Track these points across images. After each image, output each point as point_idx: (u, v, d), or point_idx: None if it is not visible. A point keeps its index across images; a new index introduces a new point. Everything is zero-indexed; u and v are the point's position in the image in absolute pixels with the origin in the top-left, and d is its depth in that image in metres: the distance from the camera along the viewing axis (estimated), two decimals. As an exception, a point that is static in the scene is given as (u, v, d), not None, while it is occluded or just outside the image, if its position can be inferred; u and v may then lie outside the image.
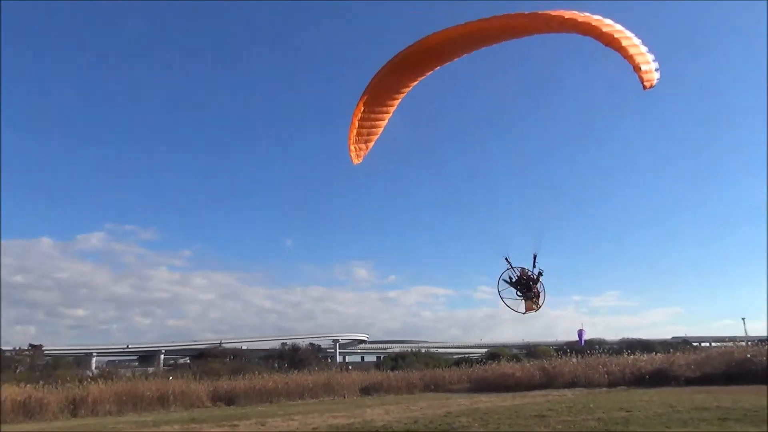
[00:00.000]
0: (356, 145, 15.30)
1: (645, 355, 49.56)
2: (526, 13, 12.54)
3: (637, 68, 11.87)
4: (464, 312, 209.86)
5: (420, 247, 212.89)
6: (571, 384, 42.16)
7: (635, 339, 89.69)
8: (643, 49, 12.16)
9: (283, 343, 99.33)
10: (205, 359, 71.11)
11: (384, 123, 15.59)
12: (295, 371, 51.16)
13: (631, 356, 48.70)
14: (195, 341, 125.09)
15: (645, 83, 11.90)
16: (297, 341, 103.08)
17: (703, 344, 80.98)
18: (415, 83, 15.22)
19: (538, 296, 14.15)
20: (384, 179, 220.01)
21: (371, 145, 15.60)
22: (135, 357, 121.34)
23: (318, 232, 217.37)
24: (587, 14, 12.14)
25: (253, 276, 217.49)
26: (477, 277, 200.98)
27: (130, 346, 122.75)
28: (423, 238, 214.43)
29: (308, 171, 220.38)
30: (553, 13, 12.33)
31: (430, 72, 14.90)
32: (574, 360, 47.81)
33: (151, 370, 64.21)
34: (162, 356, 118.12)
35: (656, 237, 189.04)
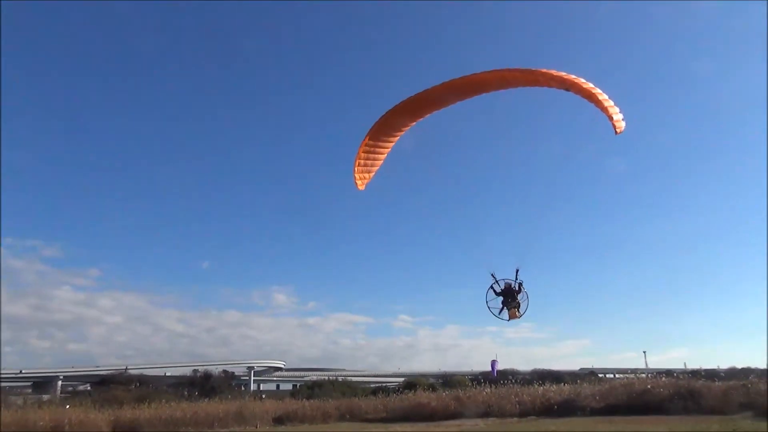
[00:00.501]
0: (360, 174, 17.98)
1: (554, 386, 50.94)
2: (521, 68, 14.78)
3: (611, 117, 14.30)
4: (383, 341, 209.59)
5: (342, 275, 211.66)
6: (485, 414, 42.86)
7: (546, 370, 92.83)
8: (613, 102, 14.51)
9: (194, 370, 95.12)
10: (108, 386, 66.73)
11: (384, 156, 18.28)
12: (206, 400, 48.99)
13: (542, 387, 49.90)
14: (97, 367, 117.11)
15: (617, 129, 14.36)
16: (209, 368, 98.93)
17: (608, 375, 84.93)
18: (412, 125, 17.84)
19: (519, 306, 15.74)
20: (307, 205, 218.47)
21: (372, 174, 18.32)
22: (29, 383, 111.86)
23: (237, 256, 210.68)
24: (570, 74, 14.38)
25: (165, 298, 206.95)
26: (397, 305, 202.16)
27: (23, 371, 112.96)
28: (345, 266, 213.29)
29: (229, 192, 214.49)
30: (544, 70, 14.59)
31: (427, 116, 17.52)
32: (488, 390, 48.66)
33: (46, 397, 59.44)
34: (59, 382, 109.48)
35: (566, 272, 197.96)
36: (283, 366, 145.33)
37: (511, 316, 15.77)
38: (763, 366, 67.00)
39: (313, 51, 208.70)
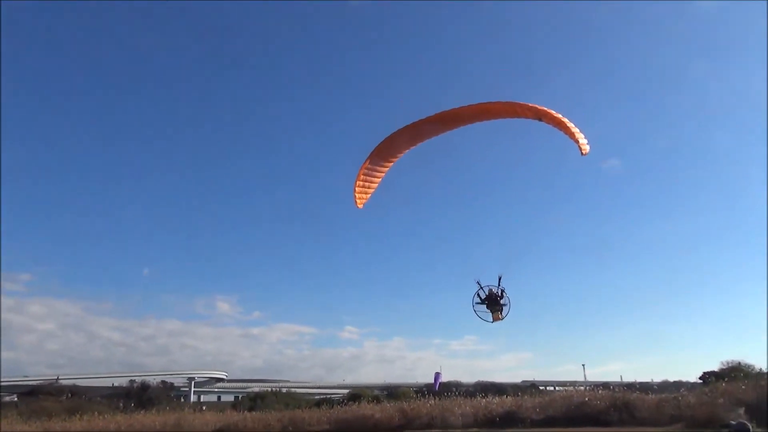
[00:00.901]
0: (360, 195, 19.98)
1: (497, 398, 51.25)
2: (502, 101, 17.87)
3: (577, 141, 17.21)
4: (329, 351, 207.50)
5: (288, 284, 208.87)
6: (428, 425, 42.95)
7: (489, 382, 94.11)
8: (579, 128, 17.41)
9: (131, 380, 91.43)
10: (37, 397, 63.35)
11: (381, 178, 20.45)
12: (143, 411, 47.18)
13: (484, 399, 49.96)
14: (26, 377, 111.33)
15: (583, 151, 17.29)
16: (147, 378, 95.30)
17: (548, 388, 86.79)
18: (407, 151, 20.26)
19: (502, 310, 17.77)
20: (253, 213, 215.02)
21: (370, 194, 20.38)
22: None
23: (180, 263, 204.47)
24: (542, 106, 17.41)
25: (101, 306, 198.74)
26: (344, 316, 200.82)
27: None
28: (292, 275, 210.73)
29: (173, 195, 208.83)
30: (522, 103, 17.61)
31: (421, 143, 19.97)
32: (432, 402, 48.79)
33: (-34, 409, 55.79)
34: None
35: (513, 284, 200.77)
36: (225, 377, 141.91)
37: (495, 319, 17.78)
38: (692, 379, 70.35)
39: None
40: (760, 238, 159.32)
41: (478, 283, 18.09)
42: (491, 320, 17.82)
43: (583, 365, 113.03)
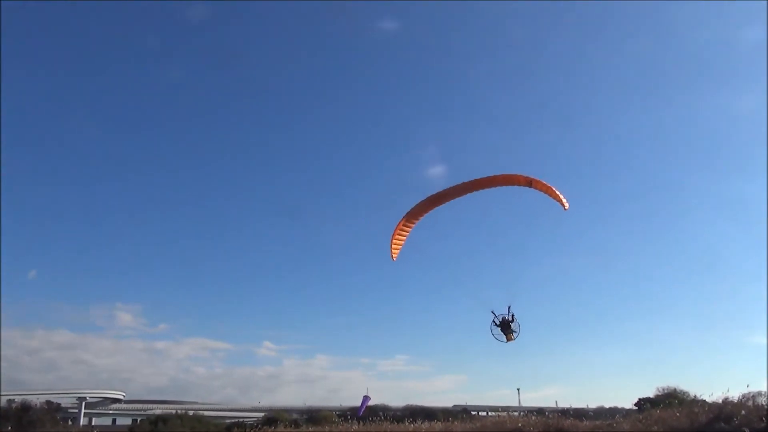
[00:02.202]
0: (395, 249, 25.37)
1: (426, 423, 49.10)
2: (504, 174, 23.77)
3: (559, 200, 23.02)
4: (244, 370, 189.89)
5: (200, 295, 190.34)
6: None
7: (419, 406, 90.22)
8: (559, 191, 23.08)
9: (9, 400, 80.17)
10: None
11: (409, 232, 25.79)
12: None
13: (413, 424, 47.94)
14: None
15: (565, 207, 23.17)
16: (29, 398, 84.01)
17: (481, 413, 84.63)
18: (430, 212, 25.54)
19: (513, 332, 22.25)
20: (162, 213, 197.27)
21: (401, 246, 25.80)
22: None
23: (74, 265, 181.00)
24: (531, 176, 23.26)
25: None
26: (262, 330, 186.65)
27: None
28: (205, 285, 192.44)
29: (66, 189, 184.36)
30: (514, 174, 23.58)
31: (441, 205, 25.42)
32: (355, 427, 46.12)
33: None
34: None
35: (443, 301, 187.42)
36: (122, 397, 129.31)
37: (508, 339, 22.25)
38: (628, 406, 70.29)
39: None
40: (697, 262, 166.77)
41: (492, 312, 22.54)
42: (506, 340, 22.36)
43: (518, 389, 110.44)
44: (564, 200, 22.95)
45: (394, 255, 25.12)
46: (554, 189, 22.97)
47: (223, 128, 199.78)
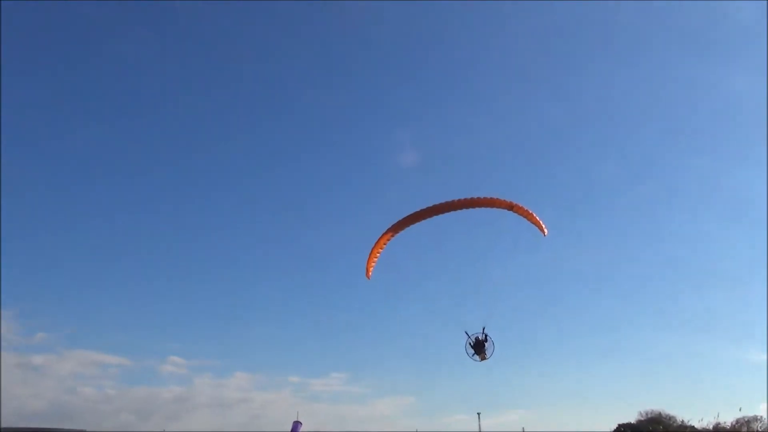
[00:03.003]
0: (371, 266, 26.53)
1: None
2: (485, 197, 25.43)
3: (539, 225, 25.67)
4: (144, 390, 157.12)
5: (89, 298, 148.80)
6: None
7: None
8: (538, 216, 25.55)
9: None
10: None
11: (382, 251, 27.08)
12: None
13: None
14: None
15: (545, 233, 25.84)
16: None
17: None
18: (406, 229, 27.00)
19: (486, 351, 23.52)
20: (48, 200, 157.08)
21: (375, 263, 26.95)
22: None
23: None
24: (511, 200, 25.52)
25: None
26: (168, 343, 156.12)
27: None
28: (94, 285, 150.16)
29: None
30: (496, 198, 25.47)
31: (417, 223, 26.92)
32: None
33: None
34: None
35: (385, 309, 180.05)
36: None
37: (482, 359, 22.97)
38: (603, 429, 66.67)
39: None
40: (684, 266, 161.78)
41: (466, 333, 23.33)
42: (479, 360, 23.03)
43: (478, 414, 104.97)
44: (544, 226, 25.25)
45: (369, 272, 25.93)
46: (534, 215, 25.02)
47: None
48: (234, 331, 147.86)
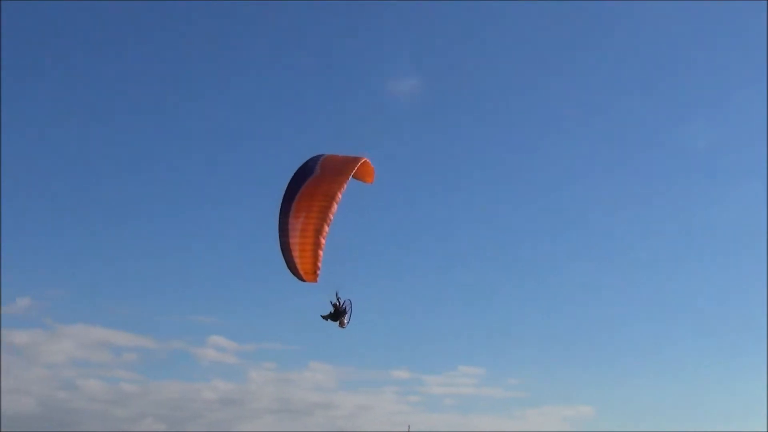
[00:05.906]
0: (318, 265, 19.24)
1: None
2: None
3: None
4: (175, 386, 76.99)
5: (98, 248, 64.48)
6: None
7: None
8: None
9: None
10: None
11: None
12: None
13: None
14: None
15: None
16: None
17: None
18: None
19: (344, 316, 19.27)
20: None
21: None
22: None
23: None
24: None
25: None
26: (207, 316, 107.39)
27: None
28: (112, 232, 78.28)
29: None
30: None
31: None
32: None
33: None
34: None
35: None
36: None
37: (340, 325, 19.42)
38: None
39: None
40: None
41: (331, 303, 20.13)
42: (340, 326, 20.08)
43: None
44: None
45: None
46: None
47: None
48: (306, 301, 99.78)
